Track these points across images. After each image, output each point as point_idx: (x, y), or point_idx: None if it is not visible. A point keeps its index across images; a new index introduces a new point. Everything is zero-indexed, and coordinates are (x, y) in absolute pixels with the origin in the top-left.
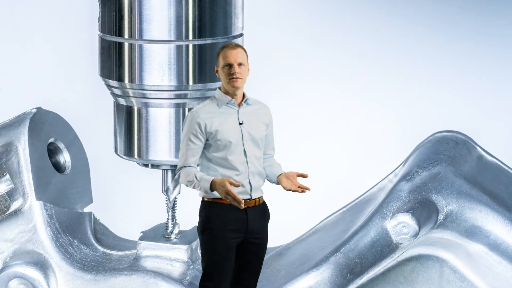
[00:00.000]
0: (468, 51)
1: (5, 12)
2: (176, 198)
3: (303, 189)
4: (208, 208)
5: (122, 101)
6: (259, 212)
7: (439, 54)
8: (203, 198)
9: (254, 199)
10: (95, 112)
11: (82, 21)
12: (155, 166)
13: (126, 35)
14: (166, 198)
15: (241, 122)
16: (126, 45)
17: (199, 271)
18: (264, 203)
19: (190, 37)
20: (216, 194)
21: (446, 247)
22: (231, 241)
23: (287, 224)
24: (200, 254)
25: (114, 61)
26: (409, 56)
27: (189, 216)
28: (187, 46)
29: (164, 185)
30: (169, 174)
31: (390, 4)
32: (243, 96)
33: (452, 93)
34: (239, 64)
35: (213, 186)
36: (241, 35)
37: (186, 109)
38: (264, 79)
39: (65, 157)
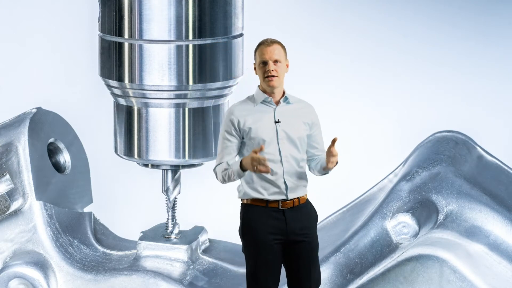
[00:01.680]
0: (468, 51)
1: (5, 12)
2: (176, 198)
3: (332, 159)
4: (246, 211)
5: (122, 101)
6: (299, 213)
7: (439, 54)
8: (242, 200)
9: (292, 199)
10: (95, 112)
11: (82, 21)
12: (155, 166)
13: (126, 35)
14: (166, 198)
15: (276, 120)
16: (126, 45)
17: (199, 271)
18: (307, 204)
19: (190, 37)
20: (253, 194)
21: (446, 247)
22: (272, 243)
23: None
24: (200, 255)
25: (114, 61)
26: (409, 56)
27: (189, 216)
28: (187, 46)
29: (164, 185)
30: (169, 174)
31: (390, 4)
32: (283, 94)
33: (452, 93)
34: (275, 61)
35: (242, 164)
36: (241, 35)
37: (186, 109)
38: None
39: (65, 157)
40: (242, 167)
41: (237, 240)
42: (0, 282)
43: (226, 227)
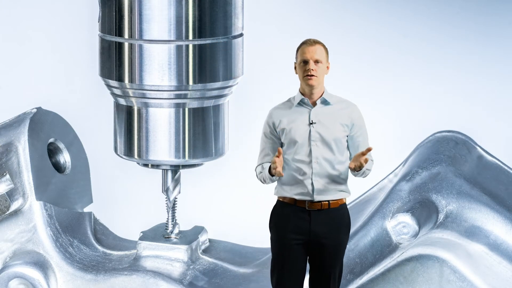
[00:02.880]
0: (468, 51)
1: (5, 12)
2: (176, 198)
3: (360, 164)
4: (276, 207)
5: (122, 101)
6: (327, 216)
7: (439, 54)
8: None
9: (320, 202)
10: (95, 112)
11: (82, 21)
12: (155, 166)
13: (126, 35)
14: (166, 198)
15: (311, 122)
16: (126, 45)
17: (199, 271)
18: (341, 209)
19: (190, 37)
20: (282, 192)
21: (446, 247)
22: (293, 242)
23: None
24: (200, 255)
25: (114, 61)
26: (409, 56)
27: (189, 216)
28: (187, 46)
29: (164, 185)
30: (169, 174)
31: (390, 4)
32: (322, 95)
33: (452, 93)
34: (316, 61)
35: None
36: (241, 35)
37: (186, 109)
38: (264, 79)
39: (65, 157)
40: (270, 171)
41: (237, 240)
42: (0, 282)
43: (226, 227)
